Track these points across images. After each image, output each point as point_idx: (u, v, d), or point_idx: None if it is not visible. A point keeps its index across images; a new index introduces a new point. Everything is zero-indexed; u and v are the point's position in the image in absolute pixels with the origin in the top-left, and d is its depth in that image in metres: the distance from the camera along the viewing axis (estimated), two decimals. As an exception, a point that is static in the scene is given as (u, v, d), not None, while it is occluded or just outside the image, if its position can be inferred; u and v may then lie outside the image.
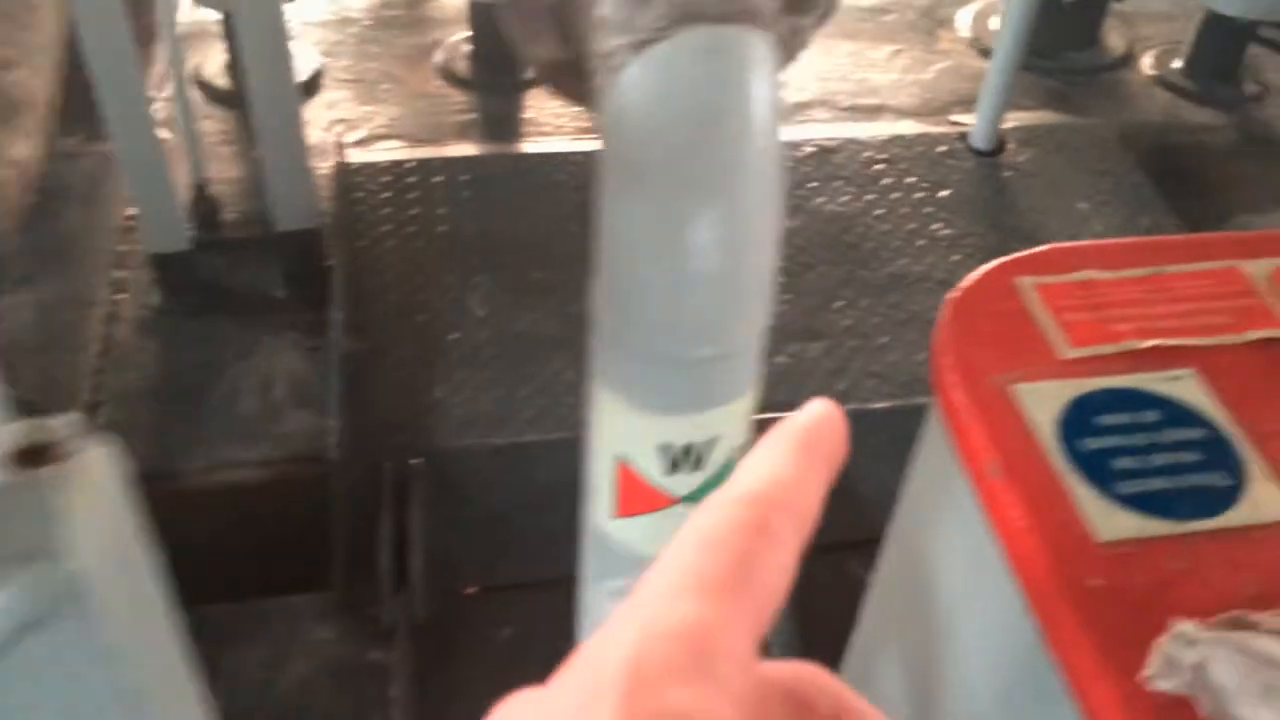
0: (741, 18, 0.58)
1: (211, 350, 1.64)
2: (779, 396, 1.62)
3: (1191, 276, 0.88)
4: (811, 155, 1.90)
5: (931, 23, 2.56)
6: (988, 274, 0.87)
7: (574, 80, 0.68)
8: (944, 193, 1.85)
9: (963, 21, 2.54)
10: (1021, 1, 1.82)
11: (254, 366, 1.62)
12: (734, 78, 0.57)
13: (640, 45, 0.58)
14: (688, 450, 0.69)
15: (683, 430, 0.68)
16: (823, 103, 2.26)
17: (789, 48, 0.72)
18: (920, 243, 1.74)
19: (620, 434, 0.70)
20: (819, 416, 0.28)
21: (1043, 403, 0.77)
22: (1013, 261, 0.88)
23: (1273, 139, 2.25)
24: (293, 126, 1.53)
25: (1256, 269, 0.88)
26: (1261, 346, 0.82)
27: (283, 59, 1.45)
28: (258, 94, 1.47)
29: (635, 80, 0.58)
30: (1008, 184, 1.88)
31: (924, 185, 1.86)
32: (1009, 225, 1.80)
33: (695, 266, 0.60)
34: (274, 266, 1.73)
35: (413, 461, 1.38)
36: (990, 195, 1.86)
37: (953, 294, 0.86)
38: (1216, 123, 2.28)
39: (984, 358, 0.80)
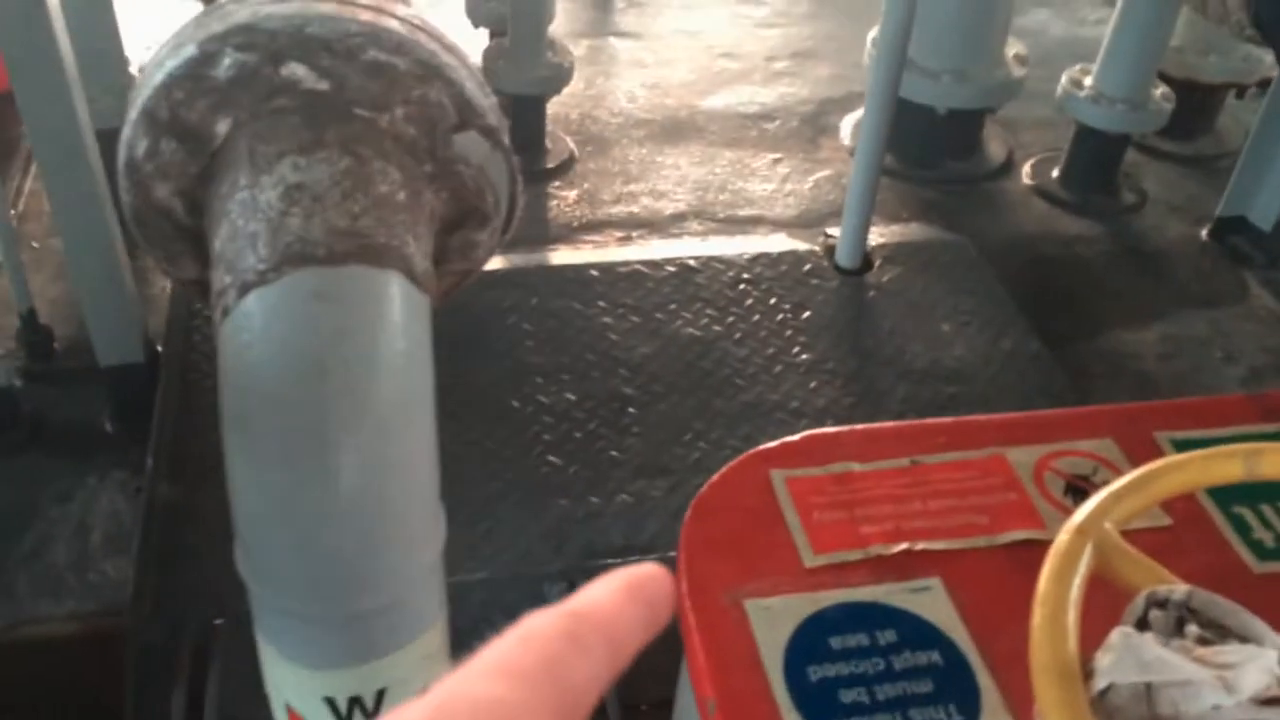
0: (363, 256, 0.54)
1: (30, 491, 1.55)
2: (617, 538, 1.57)
3: (953, 467, 0.83)
4: (673, 275, 1.87)
5: (814, 130, 2.57)
6: (740, 466, 0.82)
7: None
8: (806, 314, 1.82)
9: (845, 129, 2.55)
10: (875, 121, 1.81)
11: (72, 510, 1.54)
12: (346, 325, 0.52)
13: (247, 287, 0.53)
14: (356, 700, 0.63)
15: (344, 683, 0.62)
16: (698, 214, 2.24)
17: (467, 261, 0.68)
18: (778, 369, 1.70)
19: (281, 684, 0.64)
20: (650, 571, 0.32)
21: (776, 622, 0.72)
22: (767, 452, 0.84)
23: (1147, 251, 2.26)
24: (108, 254, 1.46)
25: (1021, 457, 0.84)
26: (1016, 550, 0.77)
27: (89, 185, 1.38)
28: (65, 222, 1.41)
29: (242, 326, 0.53)
30: (871, 305, 1.86)
31: (787, 306, 1.83)
32: (869, 349, 1.77)
33: (319, 525, 0.55)
34: (105, 399, 1.65)
35: (216, 622, 1.30)
36: (853, 317, 1.83)
37: (702, 492, 0.81)
38: (1092, 234, 2.29)
39: (723, 570, 0.75)
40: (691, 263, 1.91)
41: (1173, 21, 2.17)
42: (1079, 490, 0.82)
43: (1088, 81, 2.28)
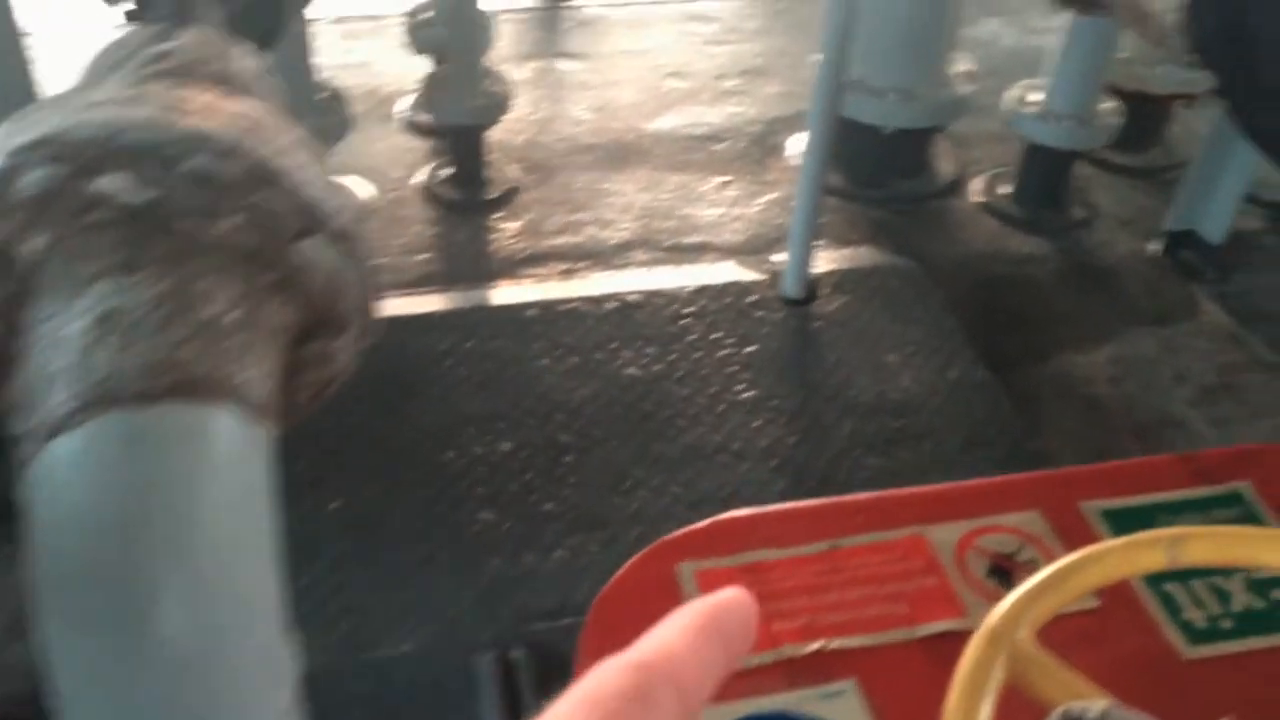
0: (183, 391, 0.49)
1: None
2: (551, 600, 1.52)
3: (872, 550, 0.79)
4: (614, 312, 1.82)
5: (763, 151, 2.53)
6: (644, 560, 0.78)
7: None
8: (751, 348, 1.77)
9: (793, 149, 2.51)
10: (817, 147, 1.77)
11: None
12: (162, 472, 0.48)
13: (51, 432, 0.48)
14: None
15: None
16: (644, 242, 2.19)
17: (325, 370, 0.63)
18: (721, 408, 1.66)
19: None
20: (728, 600, 0.30)
21: (677, 737, 0.67)
22: (674, 542, 0.79)
23: (1097, 267, 2.23)
24: None
25: (942, 536, 0.80)
26: (935, 644, 0.73)
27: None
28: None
29: (46, 476, 0.48)
30: (817, 336, 1.82)
31: (730, 341, 1.79)
32: (814, 383, 1.73)
33: (142, 696, 0.50)
34: None
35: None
36: (798, 350, 1.80)
37: (604, 591, 0.76)
38: (1042, 252, 2.26)
39: (621, 676, 0.70)
40: (633, 298, 1.86)
41: (1118, 38, 2.15)
42: (1002, 571, 0.78)
43: (1035, 98, 2.26)
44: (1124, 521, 0.81)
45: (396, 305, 1.84)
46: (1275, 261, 2.27)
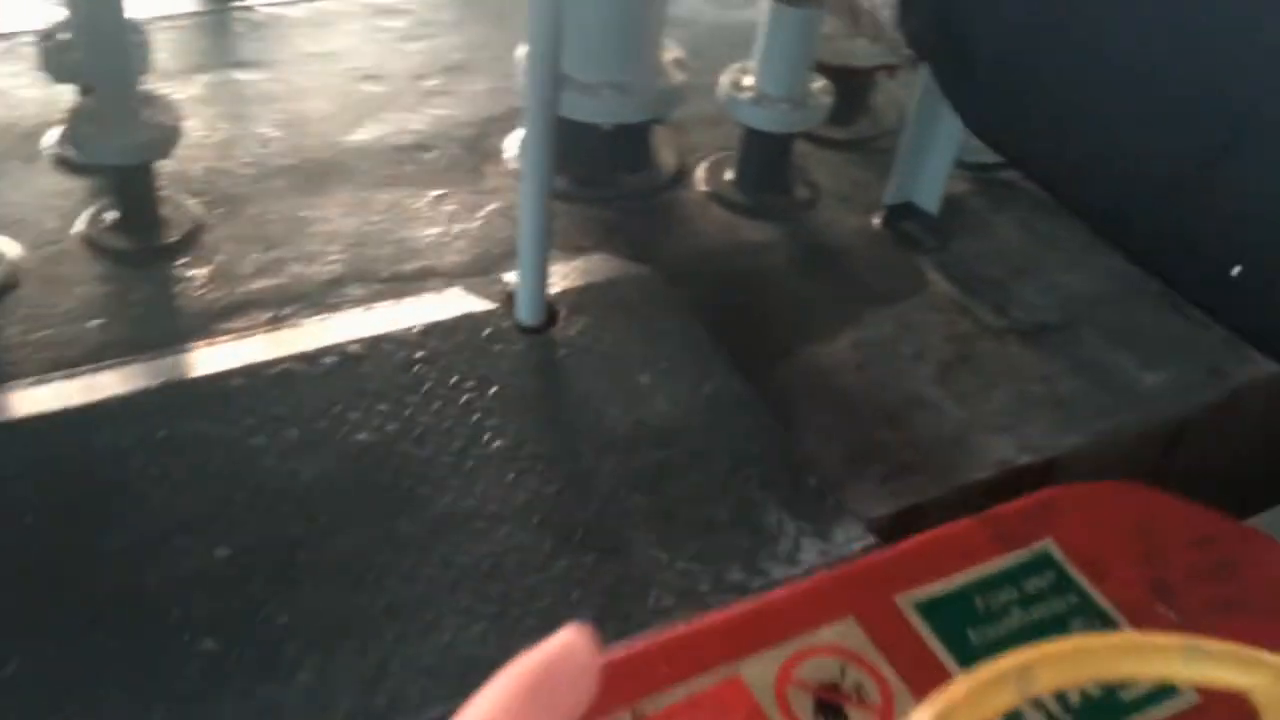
0: None
1: None
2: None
3: (684, 707, 0.67)
4: (335, 368, 1.61)
5: (477, 157, 2.35)
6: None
7: None
8: (494, 390, 1.62)
9: (510, 151, 2.35)
10: (536, 153, 1.62)
11: None
12: None
13: None
14: None
15: None
16: (359, 276, 1.97)
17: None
18: (470, 464, 1.50)
19: None
20: (552, 653, 0.27)
21: None
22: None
23: (827, 249, 2.22)
24: None
25: (759, 673, 0.69)
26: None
27: None
28: None
29: None
30: (562, 366, 1.68)
31: (470, 384, 1.62)
32: (567, 421, 1.60)
33: None
34: None
35: None
36: (544, 384, 1.65)
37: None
38: (773, 238, 2.23)
39: None
40: (354, 349, 1.65)
41: (823, 18, 2.13)
42: (831, 708, 0.68)
43: (747, 82, 2.21)
44: (942, 614, 0.73)
45: (64, 393, 1.54)
46: (984, 224, 2.35)
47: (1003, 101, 1.18)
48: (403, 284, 1.96)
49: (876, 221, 2.29)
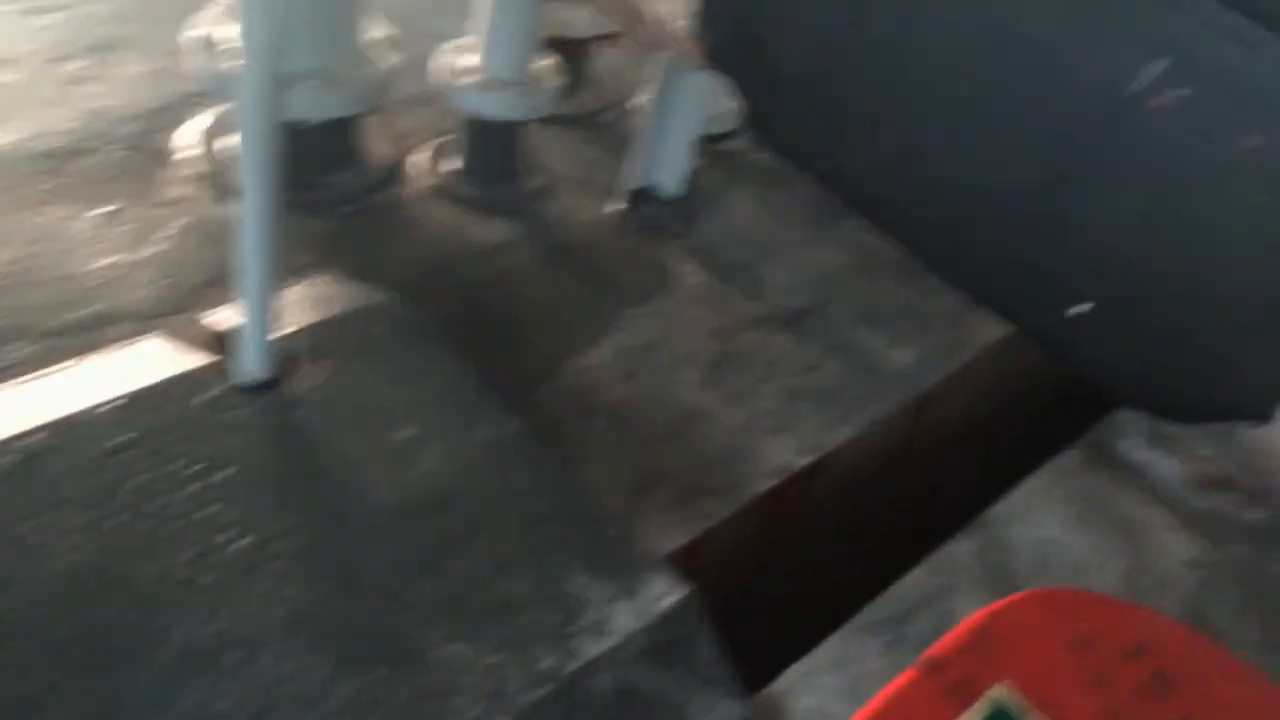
0: None
1: None
2: None
3: None
4: (17, 467, 1.27)
5: (149, 158, 1.97)
6: None
7: None
8: (224, 472, 1.34)
9: (189, 147, 1.99)
10: (257, 173, 1.34)
11: None
12: None
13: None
14: None
15: None
16: (19, 332, 1.59)
17: None
18: (209, 577, 1.23)
19: None
20: None
21: None
22: None
23: (571, 244, 2.06)
24: None
25: None
26: None
27: None
28: None
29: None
30: (305, 431, 1.43)
31: (195, 470, 1.33)
32: (321, 500, 1.35)
33: None
34: None
35: None
36: (287, 458, 1.39)
37: None
38: (512, 236, 2.03)
39: None
40: (37, 440, 1.32)
41: (545, -8, 1.93)
42: None
43: (467, 63, 1.98)
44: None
45: None
46: (722, 202, 2.27)
47: (819, 130, 1.07)
48: (78, 336, 1.60)
49: (618, 207, 2.16)
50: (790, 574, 1.93)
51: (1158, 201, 0.84)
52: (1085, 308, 0.90)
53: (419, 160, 2.13)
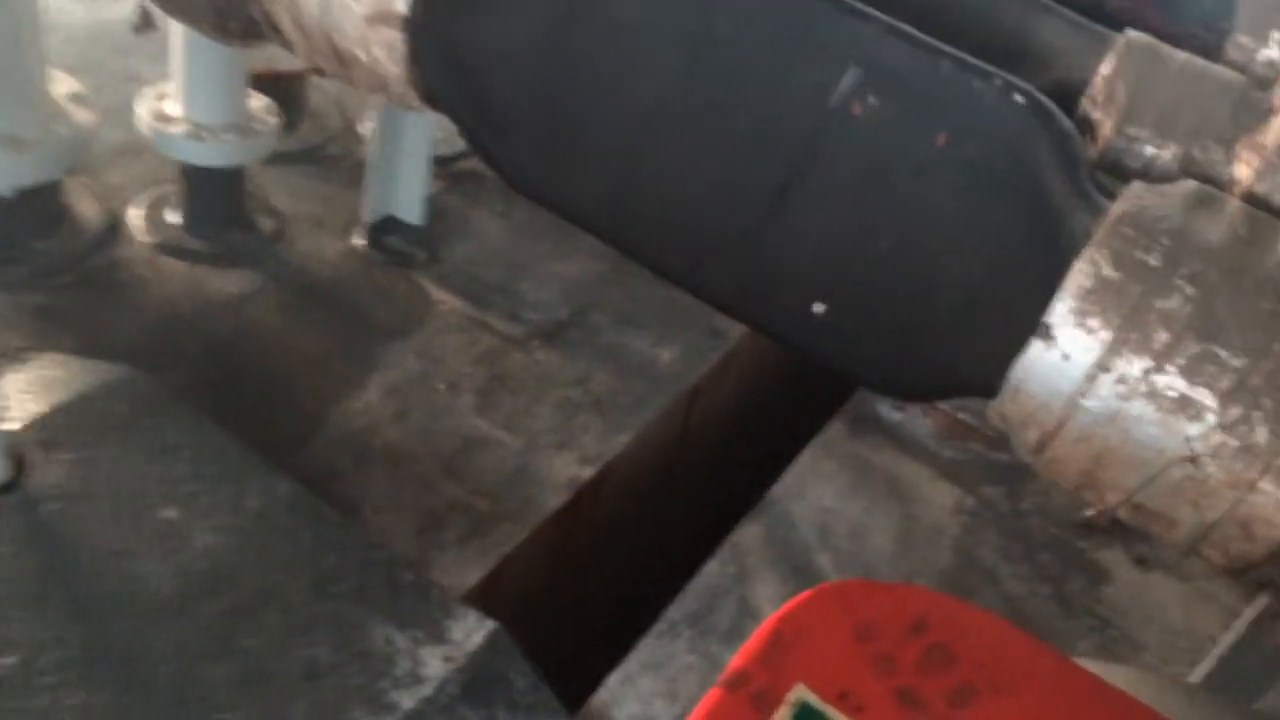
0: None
1: None
2: None
3: None
4: None
5: None
6: None
7: None
8: (-37, 591, 1.20)
9: None
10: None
11: None
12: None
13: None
14: None
15: None
16: None
17: None
18: (-35, 711, 1.10)
19: None
20: None
21: None
22: None
23: (317, 285, 1.98)
24: None
25: None
26: None
27: None
28: None
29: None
30: (54, 528, 1.30)
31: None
32: (91, 602, 1.24)
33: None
34: None
35: None
36: (41, 562, 1.27)
37: None
38: (250, 286, 1.93)
39: None
40: None
41: (252, 28, 1.84)
42: None
43: (172, 110, 1.86)
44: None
45: None
46: (466, 223, 2.25)
47: (540, 164, 1.08)
48: None
49: (359, 242, 2.09)
50: (594, 585, 1.95)
51: (873, 203, 0.91)
52: (820, 308, 0.95)
53: (136, 216, 1.98)
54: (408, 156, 2.03)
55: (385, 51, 1.10)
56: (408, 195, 2.08)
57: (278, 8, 1.15)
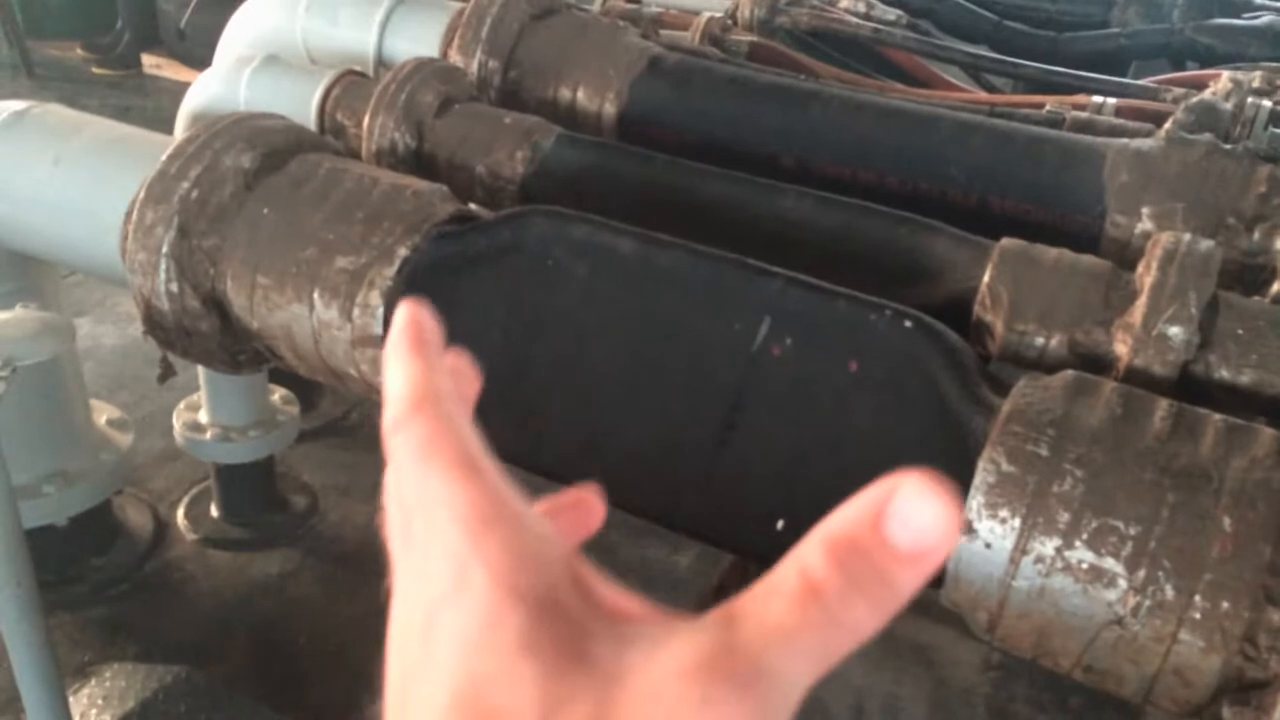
0: None
1: None
2: None
3: None
4: None
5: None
6: None
7: None
8: None
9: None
10: (19, 609, 1.35)
11: None
12: None
13: None
14: None
15: None
16: None
17: None
18: None
19: None
20: (403, 321, 0.37)
21: None
22: None
23: (352, 556, 2.12)
24: None
25: None
26: None
27: None
28: None
29: None
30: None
31: None
32: None
33: None
34: None
35: None
36: None
37: None
38: (292, 564, 2.07)
39: None
40: None
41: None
42: None
43: (204, 419, 2.05)
44: None
45: None
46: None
47: (518, 434, 1.22)
48: None
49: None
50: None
51: (806, 429, 1.04)
52: (778, 525, 1.08)
53: (180, 519, 2.15)
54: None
55: (370, 366, 1.27)
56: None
57: (277, 342, 1.33)
